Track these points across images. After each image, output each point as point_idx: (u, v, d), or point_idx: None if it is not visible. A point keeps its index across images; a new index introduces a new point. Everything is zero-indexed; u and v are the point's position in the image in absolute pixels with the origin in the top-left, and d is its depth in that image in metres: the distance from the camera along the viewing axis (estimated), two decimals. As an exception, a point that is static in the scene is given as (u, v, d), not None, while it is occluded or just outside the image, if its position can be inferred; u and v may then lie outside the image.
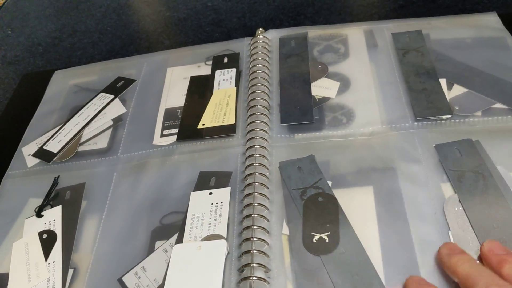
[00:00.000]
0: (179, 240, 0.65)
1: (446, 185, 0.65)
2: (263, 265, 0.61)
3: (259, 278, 0.59)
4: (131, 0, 1.20)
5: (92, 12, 1.18)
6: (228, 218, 0.67)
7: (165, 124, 0.82)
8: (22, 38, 1.15)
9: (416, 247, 0.60)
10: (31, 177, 0.81)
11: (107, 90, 0.91)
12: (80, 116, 0.86)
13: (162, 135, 0.80)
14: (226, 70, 0.87)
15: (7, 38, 1.17)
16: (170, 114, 0.83)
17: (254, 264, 0.60)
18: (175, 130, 0.80)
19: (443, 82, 0.77)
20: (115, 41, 1.07)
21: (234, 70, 0.87)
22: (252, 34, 0.94)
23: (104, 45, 1.07)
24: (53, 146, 0.82)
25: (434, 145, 0.69)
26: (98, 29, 1.12)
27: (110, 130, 0.84)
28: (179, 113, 0.83)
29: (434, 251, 0.59)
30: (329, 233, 0.63)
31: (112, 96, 0.88)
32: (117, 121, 0.85)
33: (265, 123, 0.77)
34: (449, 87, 0.76)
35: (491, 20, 0.86)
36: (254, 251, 0.62)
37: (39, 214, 0.73)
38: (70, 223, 0.72)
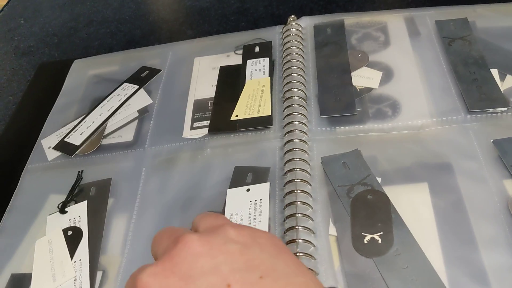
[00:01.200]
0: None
1: (509, 181, 0.60)
2: (311, 269, 0.56)
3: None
4: (149, -12, 1.15)
5: (109, 1, 1.13)
6: (269, 218, 0.62)
7: (195, 116, 0.76)
8: (36, 28, 1.10)
9: (480, 247, 0.55)
10: (51, 171, 0.75)
11: (131, 80, 0.85)
12: (103, 107, 0.81)
13: (192, 128, 0.75)
14: (258, 59, 0.82)
15: (19, 28, 1.12)
16: (200, 105, 0.78)
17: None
18: (206, 123, 0.75)
19: (495, 72, 0.72)
20: (134, 31, 1.02)
21: (267, 59, 0.82)
22: (281, 23, 0.89)
23: (123, 35, 1.02)
24: (75, 139, 0.77)
25: (492, 140, 0.64)
26: (115, 19, 1.07)
27: (135, 122, 0.79)
28: (209, 105, 0.77)
29: (501, 252, 0.54)
30: (381, 233, 0.58)
31: (137, 87, 0.83)
32: (143, 113, 0.80)
33: (303, 115, 0.72)
34: (502, 77, 0.71)
35: (543, 8, 0.81)
36: (300, 254, 0.57)
37: (62, 210, 0.68)
38: (97, 221, 0.67)
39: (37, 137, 0.82)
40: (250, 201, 0.63)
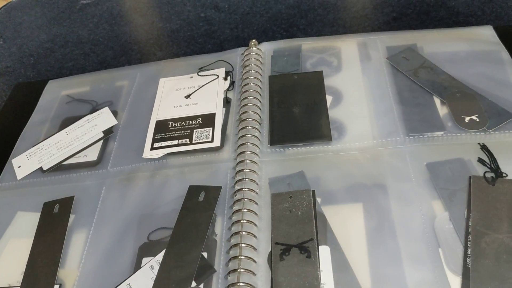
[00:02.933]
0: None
1: (437, 202, 0.64)
2: (250, 284, 0.60)
3: (246, 297, 0.59)
4: (124, 10, 1.19)
5: (85, 22, 1.17)
6: (217, 234, 0.66)
7: (156, 137, 0.81)
8: (14, 49, 1.14)
9: (405, 265, 0.59)
10: (20, 190, 0.80)
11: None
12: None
13: (152, 148, 0.79)
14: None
15: (-1, 48, 1.16)
16: (161, 126, 0.82)
17: (241, 284, 0.59)
18: (166, 143, 0.79)
19: (436, 98, 0.76)
20: (107, 52, 1.06)
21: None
22: (245, 45, 0.93)
23: (95, 56, 1.06)
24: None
25: (425, 163, 0.68)
26: (90, 40, 1.11)
27: (100, 142, 0.83)
28: (170, 125, 0.81)
29: (423, 269, 0.58)
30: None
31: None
32: (108, 133, 0.84)
33: (256, 137, 0.76)
34: (442, 103, 0.75)
35: (486, 34, 0.86)
36: (242, 270, 0.61)
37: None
38: (58, 236, 0.70)
39: (9, 155, 0.86)
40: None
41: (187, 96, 0.85)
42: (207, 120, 0.81)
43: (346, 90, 0.81)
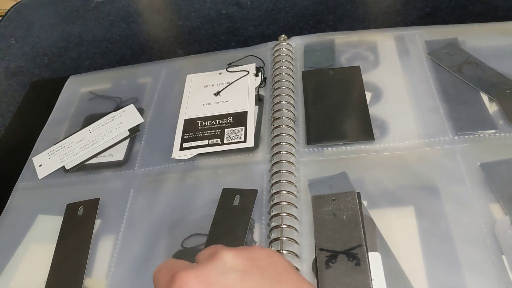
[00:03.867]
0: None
1: (495, 205, 0.59)
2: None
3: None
4: (140, 8, 1.15)
5: (100, 20, 1.13)
6: (255, 241, 0.62)
7: (185, 136, 0.76)
8: (27, 48, 1.10)
9: (466, 273, 0.54)
10: (41, 190, 0.75)
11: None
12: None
13: (181, 148, 0.74)
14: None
15: (10, 48, 1.12)
16: (190, 125, 0.78)
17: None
18: (196, 143, 0.74)
19: (484, 95, 0.71)
20: (124, 51, 1.02)
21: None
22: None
23: (113, 55, 1.01)
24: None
25: (479, 163, 0.63)
26: (106, 38, 1.07)
27: (127, 141, 0.78)
28: (199, 124, 0.77)
29: (486, 277, 0.53)
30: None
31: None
32: (135, 132, 0.80)
33: (292, 136, 0.71)
34: (491, 100, 0.70)
35: (531, 28, 0.81)
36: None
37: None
38: (83, 241, 0.66)
39: (29, 155, 0.82)
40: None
41: (217, 94, 0.81)
42: (239, 118, 0.76)
43: (385, 86, 0.77)
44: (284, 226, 0.61)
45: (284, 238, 0.60)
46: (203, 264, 0.41)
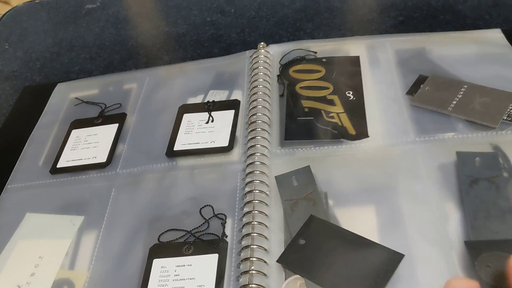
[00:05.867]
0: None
1: (450, 204, 0.64)
2: (262, 286, 0.59)
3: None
4: (130, 14, 1.19)
5: (91, 26, 1.17)
6: (227, 236, 0.66)
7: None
8: (20, 53, 1.14)
9: (418, 267, 0.59)
10: (29, 191, 0.80)
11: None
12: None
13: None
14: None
15: (4, 52, 1.16)
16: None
17: (253, 285, 0.59)
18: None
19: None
20: (113, 56, 1.06)
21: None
22: (252, 49, 0.94)
23: (102, 60, 1.06)
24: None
25: (437, 164, 0.68)
26: (96, 44, 1.11)
27: (110, 144, 0.83)
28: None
29: (438, 272, 0.58)
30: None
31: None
32: (118, 135, 0.84)
33: (266, 138, 0.76)
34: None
35: (495, 37, 0.86)
36: (253, 272, 0.61)
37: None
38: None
39: (19, 157, 0.86)
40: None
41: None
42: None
43: (355, 92, 0.81)
44: (255, 222, 0.65)
45: (255, 234, 0.64)
46: None
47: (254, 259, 0.62)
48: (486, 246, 0.58)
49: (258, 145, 0.74)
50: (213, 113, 0.83)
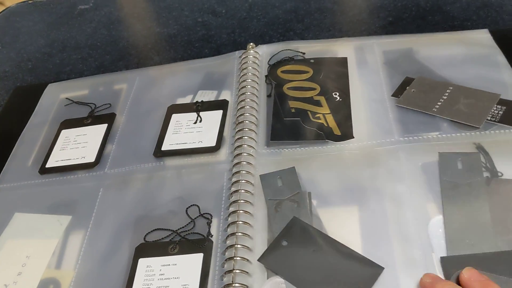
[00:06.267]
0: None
1: (432, 205, 0.64)
2: (245, 285, 0.60)
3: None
4: (122, 15, 1.20)
5: (83, 27, 1.18)
6: (212, 235, 0.67)
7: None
8: (12, 54, 1.15)
9: (398, 268, 0.59)
10: (18, 191, 0.80)
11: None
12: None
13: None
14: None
15: (-3, 53, 1.17)
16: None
17: (236, 284, 0.60)
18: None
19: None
20: (104, 57, 1.07)
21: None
22: (242, 50, 0.94)
23: (93, 61, 1.06)
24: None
25: (420, 164, 0.68)
26: (88, 45, 1.12)
27: (98, 145, 0.83)
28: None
29: (417, 273, 0.58)
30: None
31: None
32: (107, 135, 0.85)
33: (253, 138, 0.76)
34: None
35: (482, 37, 0.86)
36: (237, 271, 0.61)
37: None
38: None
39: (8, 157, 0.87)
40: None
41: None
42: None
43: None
44: (240, 222, 0.66)
45: (240, 233, 0.65)
46: None
47: (238, 258, 0.62)
48: (460, 262, 0.58)
49: (245, 145, 0.75)
50: (201, 113, 0.83)
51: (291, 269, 0.60)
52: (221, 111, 0.83)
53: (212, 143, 0.78)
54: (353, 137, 0.74)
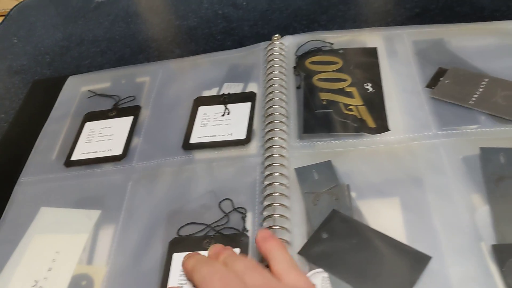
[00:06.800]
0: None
1: (476, 196, 0.62)
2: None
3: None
4: (139, 8, 1.18)
5: (100, 20, 1.16)
6: (248, 230, 0.65)
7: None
8: (29, 47, 1.13)
9: (447, 259, 0.57)
10: (43, 185, 0.78)
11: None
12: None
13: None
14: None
15: (12, 47, 1.15)
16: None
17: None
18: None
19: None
20: (124, 50, 1.05)
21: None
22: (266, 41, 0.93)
23: (113, 54, 1.05)
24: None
25: (461, 156, 0.67)
26: (106, 38, 1.10)
27: (125, 137, 0.82)
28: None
29: (467, 265, 0.56)
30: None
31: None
32: (133, 128, 0.83)
33: (284, 131, 0.74)
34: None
35: (515, 28, 0.84)
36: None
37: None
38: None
39: (31, 150, 0.85)
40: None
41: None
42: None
43: (374, 84, 0.80)
44: (276, 215, 0.64)
45: (277, 227, 0.63)
46: None
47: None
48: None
49: (276, 138, 0.73)
50: (228, 106, 0.82)
51: (333, 261, 0.59)
52: (249, 103, 0.81)
53: (242, 135, 0.77)
54: (389, 129, 0.72)
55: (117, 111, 0.87)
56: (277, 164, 0.70)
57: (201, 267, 0.57)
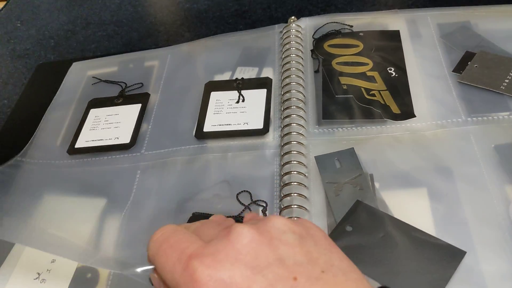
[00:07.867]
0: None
1: (510, 187, 0.58)
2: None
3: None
4: (147, -9, 1.14)
5: (107, 3, 1.12)
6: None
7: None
8: (33, 31, 1.09)
9: (479, 252, 0.53)
10: (47, 172, 0.74)
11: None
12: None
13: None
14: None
15: (16, 31, 1.11)
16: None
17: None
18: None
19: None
20: (131, 34, 1.01)
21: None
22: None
23: (120, 38, 1.00)
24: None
25: (493, 145, 0.62)
26: (113, 21, 1.06)
27: (133, 125, 0.77)
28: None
29: (500, 258, 0.53)
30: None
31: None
32: (142, 115, 0.79)
33: (302, 117, 0.70)
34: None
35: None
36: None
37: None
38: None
39: (33, 135, 0.81)
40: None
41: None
42: (248, 100, 0.76)
43: (398, 69, 0.75)
44: (294, 206, 0.60)
45: (294, 219, 0.59)
46: (262, 221, 0.41)
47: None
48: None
49: (294, 124, 0.69)
50: (243, 92, 0.77)
51: (359, 257, 0.54)
52: (264, 90, 0.77)
53: (259, 125, 0.72)
54: (415, 116, 0.68)
55: (124, 98, 0.82)
56: (295, 152, 0.66)
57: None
